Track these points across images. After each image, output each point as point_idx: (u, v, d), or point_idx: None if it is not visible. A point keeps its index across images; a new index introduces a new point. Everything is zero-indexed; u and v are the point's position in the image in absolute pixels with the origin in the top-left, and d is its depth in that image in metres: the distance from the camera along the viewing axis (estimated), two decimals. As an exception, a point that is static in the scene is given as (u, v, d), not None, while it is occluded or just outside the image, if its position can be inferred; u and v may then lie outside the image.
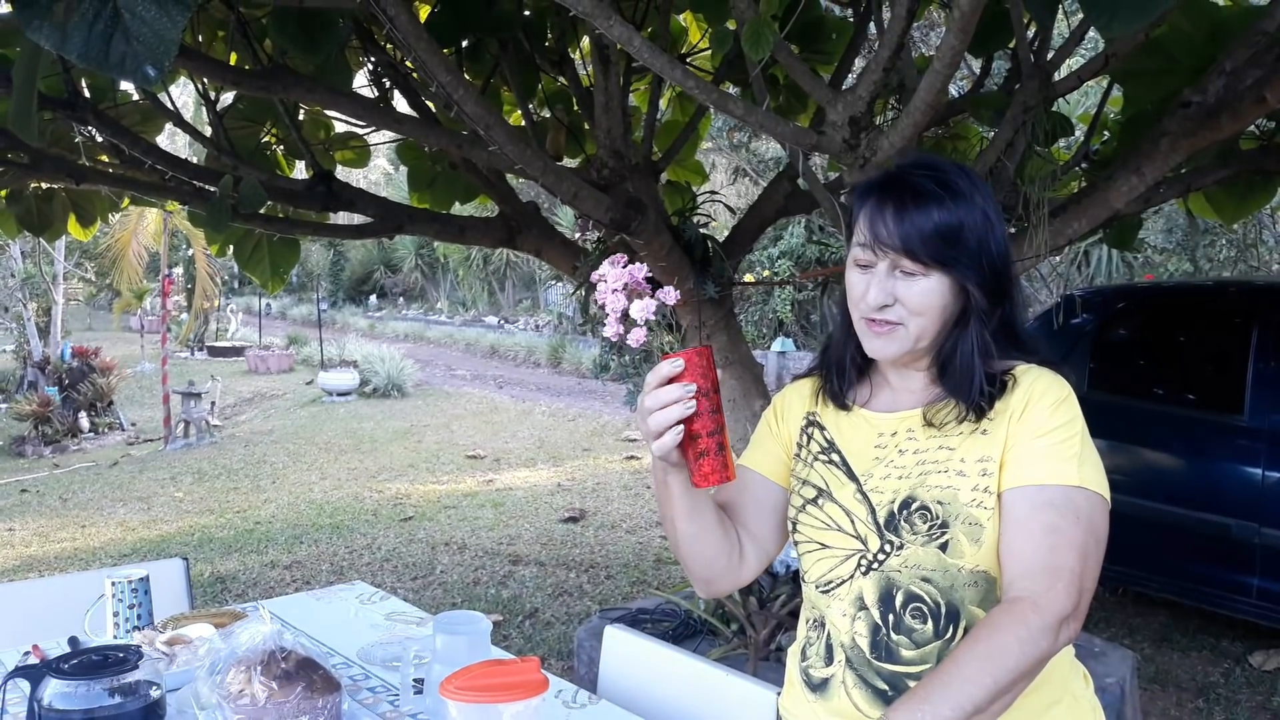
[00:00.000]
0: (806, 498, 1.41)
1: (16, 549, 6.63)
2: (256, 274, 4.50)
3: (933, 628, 1.29)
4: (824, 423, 1.44)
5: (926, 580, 1.29)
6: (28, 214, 4.29)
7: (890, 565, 1.31)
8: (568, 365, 15.65)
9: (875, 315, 1.30)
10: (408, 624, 2.16)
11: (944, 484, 1.29)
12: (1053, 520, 1.22)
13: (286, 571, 5.73)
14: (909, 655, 1.30)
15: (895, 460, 1.34)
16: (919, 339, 1.30)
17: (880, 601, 1.32)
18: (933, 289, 1.27)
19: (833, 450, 1.41)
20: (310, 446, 10.15)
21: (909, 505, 1.30)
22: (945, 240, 1.25)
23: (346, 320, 23.43)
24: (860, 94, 2.53)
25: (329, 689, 1.53)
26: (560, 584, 5.38)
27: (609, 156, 3.30)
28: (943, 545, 1.28)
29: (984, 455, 1.28)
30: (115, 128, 3.56)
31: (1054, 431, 1.25)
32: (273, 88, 3.16)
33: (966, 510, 1.27)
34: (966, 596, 1.28)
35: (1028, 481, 1.24)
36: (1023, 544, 1.23)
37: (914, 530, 1.29)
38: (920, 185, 1.28)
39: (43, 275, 14.37)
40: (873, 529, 1.33)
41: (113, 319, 22.53)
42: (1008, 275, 1.30)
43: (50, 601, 2.32)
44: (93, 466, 9.76)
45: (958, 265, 1.26)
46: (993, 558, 1.27)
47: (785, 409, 1.50)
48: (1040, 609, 1.17)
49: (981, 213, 1.28)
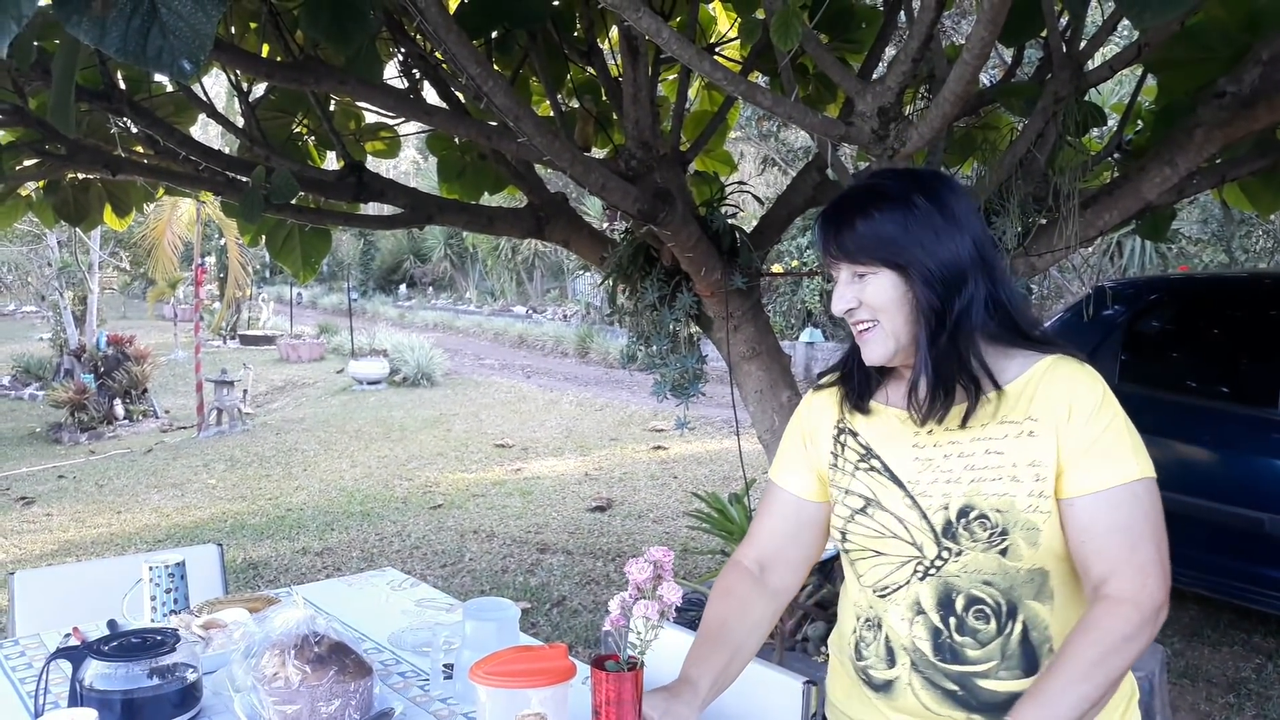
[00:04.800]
0: (854, 507, 1.45)
1: (54, 534, 6.75)
2: (288, 264, 4.54)
3: (995, 626, 1.37)
4: (856, 429, 1.48)
5: (988, 583, 1.36)
6: (65, 204, 4.35)
7: (949, 571, 1.37)
8: (595, 355, 15.69)
9: (851, 320, 1.41)
10: (437, 610, 2.19)
11: (1000, 491, 1.34)
12: (1125, 519, 1.30)
13: (318, 558, 5.79)
14: (974, 655, 1.37)
15: (940, 464, 1.39)
16: (896, 336, 1.38)
17: (939, 605, 1.38)
18: (884, 285, 1.37)
19: (871, 456, 1.45)
20: (341, 434, 10.25)
21: (967, 514, 1.36)
22: (880, 240, 1.36)
23: (376, 309, 23.59)
24: (889, 84, 2.52)
25: (361, 673, 1.56)
26: (587, 573, 5.41)
27: (637, 147, 3.30)
28: (1003, 550, 1.34)
29: (1034, 459, 1.34)
30: (150, 119, 3.60)
31: (1105, 433, 1.32)
32: (305, 79, 3.18)
33: (1024, 516, 1.33)
34: (1024, 594, 1.36)
35: (1097, 488, 1.31)
36: (1104, 547, 1.30)
37: (974, 538, 1.35)
38: (854, 196, 1.42)
39: (79, 264, 14.57)
40: (929, 536, 1.39)
41: (146, 308, 22.81)
42: (960, 267, 1.35)
43: (89, 585, 2.38)
44: (127, 453, 9.89)
45: (898, 261, 1.36)
46: (1048, 557, 1.35)
47: (813, 427, 1.55)
48: (1139, 605, 1.26)
49: (924, 213, 1.36)
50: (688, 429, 4.13)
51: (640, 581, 1.37)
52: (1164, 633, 4.29)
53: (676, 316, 3.66)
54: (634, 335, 3.87)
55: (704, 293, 3.56)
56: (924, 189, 1.39)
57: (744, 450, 4.07)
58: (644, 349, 3.85)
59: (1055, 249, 3.04)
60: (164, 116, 3.79)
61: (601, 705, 1.38)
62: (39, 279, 16.70)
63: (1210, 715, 3.63)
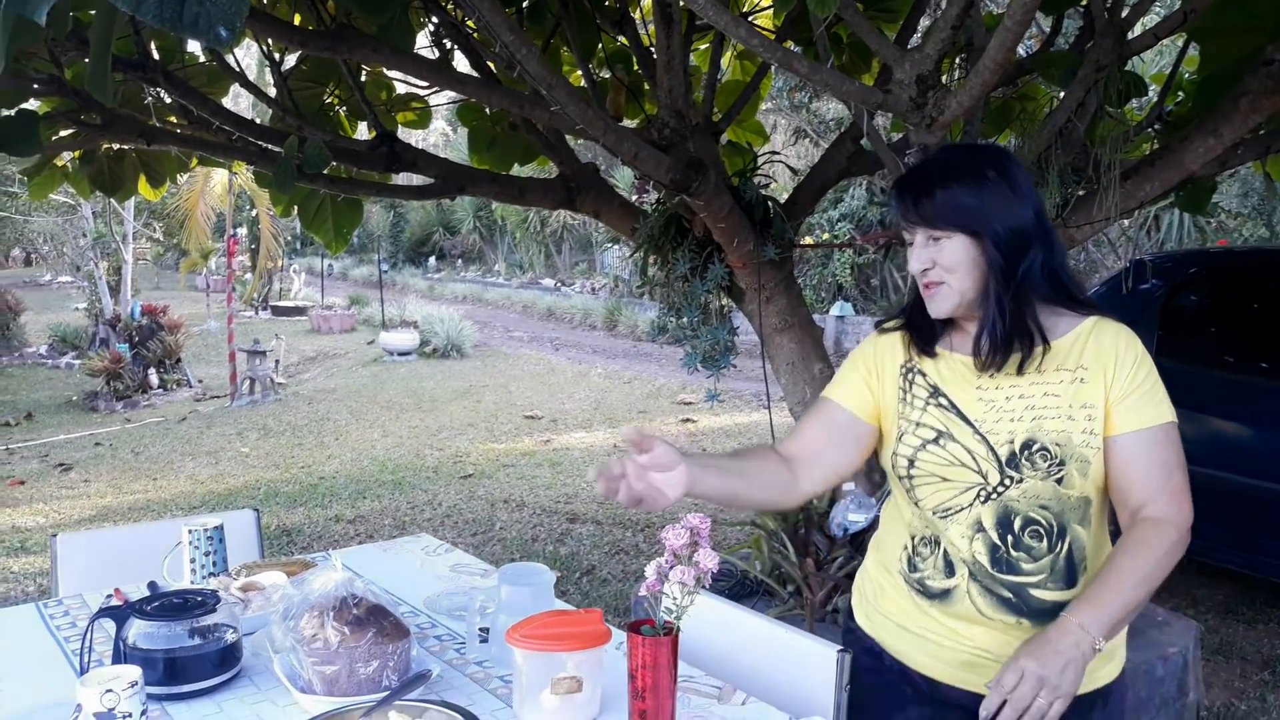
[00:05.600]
0: (925, 438, 1.62)
1: (92, 499, 6.86)
2: (320, 234, 4.56)
3: (1047, 545, 1.56)
4: (924, 369, 1.65)
5: (1044, 507, 1.55)
6: (100, 174, 4.38)
7: (1009, 496, 1.56)
8: (623, 328, 15.68)
9: (923, 279, 1.58)
10: (472, 575, 2.21)
11: (1059, 428, 1.54)
12: (1162, 455, 1.53)
13: (350, 525, 5.86)
14: (1028, 568, 1.56)
15: (1003, 405, 1.57)
16: (963, 293, 1.55)
17: (998, 525, 1.57)
18: (957, 248, 1.54)
19: (940, 395, 1.62)
20: (372, 405, 10.33)
21: (1030, 446, 1.55)
22: (956, 209, 1.53)
23: (406, 281, 23.67)
24: (928, 52, 2.48)
25: (399, 635, 1.57)
26: (617, 542, 5.44)
27: (670, 116, 3.28)
28: (1059, 480, 1.54)
29: (1087, 402, 1.54)
30: (184, 89, 3.62)
31: (1144, 382, 1.54)
32: (338, 48, 3.18)
33: (1079, 450, 1.53)
34: (1072, 518, 1.56)
35: (1139, 426, 1.53)
36: (1146, 476, 1.52)
37: (1035, 467, 1.54)
38: (931, 168, 1.60)
39: (113, 235, 14.73)
40: (994, 465, 1.56)
41: (179, 278, 23.02)
42: (1026, 234, 1.53)
43: (128, 548, 2.41)
44: (162, 422, 10.03)
45: (973, 228, 1.52)
46: (1094, 487, 1.55)
47: (879, 362, 1.70)
48: (1178, 525, 1.50)
49: (994, 183, 1.53)
50: (717, 401, 4.13)
51: (677, 547, 1.38)
52: (1198, 609, 4.26)
53: (708, 288, 3.65)
54: (665, 307, 3.86)
55: (736, 264, 3.54)
56: (994, 163, 1.56)
57: (775, 423, 4.06)
58: (675, 321, 3.84)
59: (1094, 220, 3.00)
60: (197, 87, 3.81)
61: (637, 669, 1.39)
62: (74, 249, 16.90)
63: (1244, 692, 3.61)
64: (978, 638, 1.59)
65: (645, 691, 1.38)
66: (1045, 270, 1.54)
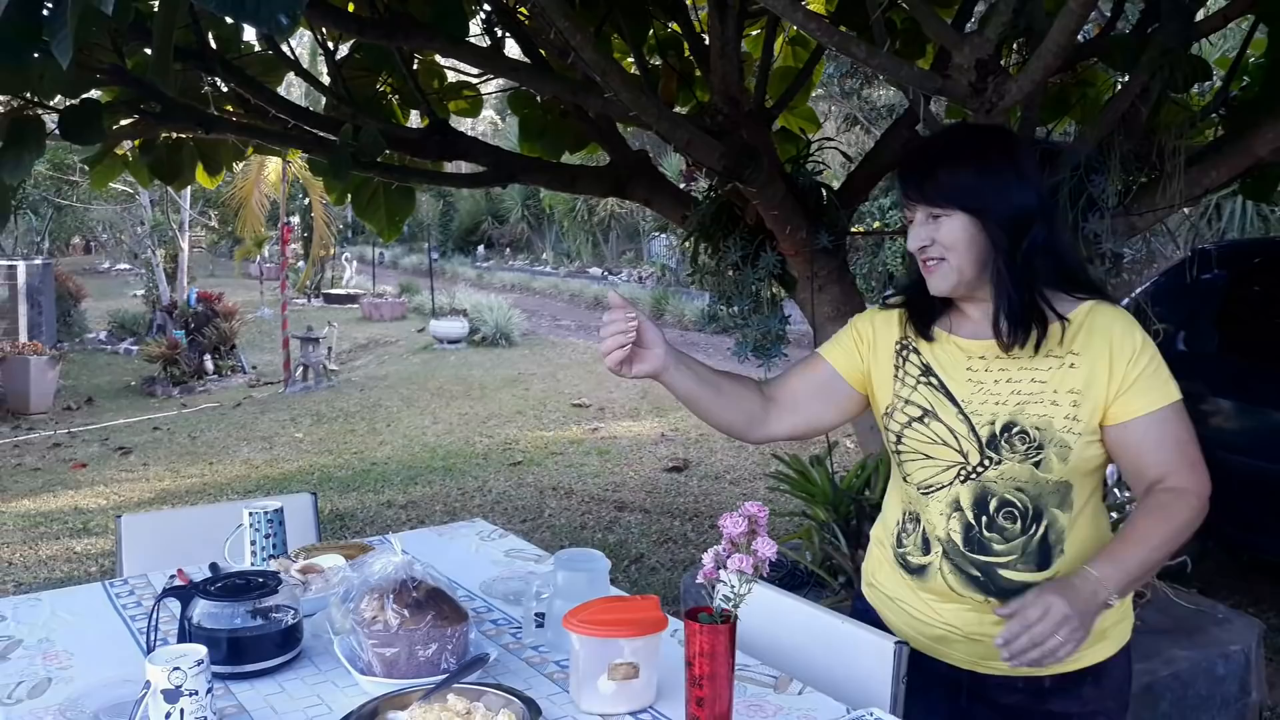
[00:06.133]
0: (912, 415, 1.66)
1: (151, 483, 7.01)
2: (373, 222, 4.60)
3: (1020, 526, 1.59)
4: (919, 348, 1.68)
5: (1020, 489, 1.59)
6: (159, 163, 4.45)
7: (988, 476, 1.60)
8: (670, 317, 15.65)
9: (921, 256, 1.60)
10: (526, 561, 2.22)
11: (1041, 412, 1.57)
12: (1174, 431, 1.56)
13: (402, 510, 5.93)
14: (999, 549, 1.60)
15: (990, 387, 1.61)
16: (961, 271, 1.57)
17: (974, 505, 1.61)
18: (957, 226, 1.55)
19: (930, 374, 1.66)
20: (422, 392, 10.43)
21: (1010, 429, 1.58)
22: (959, 187, 1.55)
23: (455, 270, 23.85)
24: (988, 36, 2.44)
25: (457, 619, 1.59)
26: (665, 531, 5.44)
27: (723, 102, 3.26)
28: (1037, 463, 1.57)
29: (1074, 388, 1.56)
30: (241, 77, 3.66)
31: (1147, 366, 1.56)
32: (394, 36, 3.21)
33: (1059, 435, 1.56)
34: (1050, 501, 1.59)
35: (1149, 409, 1.55)
36: (1160, 454, 1.56)
37: (1013, 449, 1.58)
38: (934, 146, 1.66)
39: (170, 223, 14.99)
40: (975, 445, 1.60)
41: (234, 266, 23.39)
42: (1028, 215, 1.55)
43: (190, 530, 2.45)
44: (217, 407, 10.21)
45: (974, 207, 1.54)
46: (1076, 472, 1.58)
47: (874, 334, 1.74)
48: (1199, 494, 1.54)
49: (997, 164, 1.57)
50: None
51: (734, 535, 1.38)
52: (1260, 608, 4.16)
53: (759, 276, 3.63)
54: (715, 295, 3.84)
55: (788, 252, 3.52)
56: (998, 144, 1.62)
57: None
58: (726, 309, 3.82)
59: (1158, 208, 2.94)
60: (253, 75, 3.85)
61: (695, 657, 1.38)
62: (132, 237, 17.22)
63: (1307, 691, 3.53)
64: (948, 614, 1.65)
65: (703, 679, 1.38)
66: (1048, 252, 1.57)
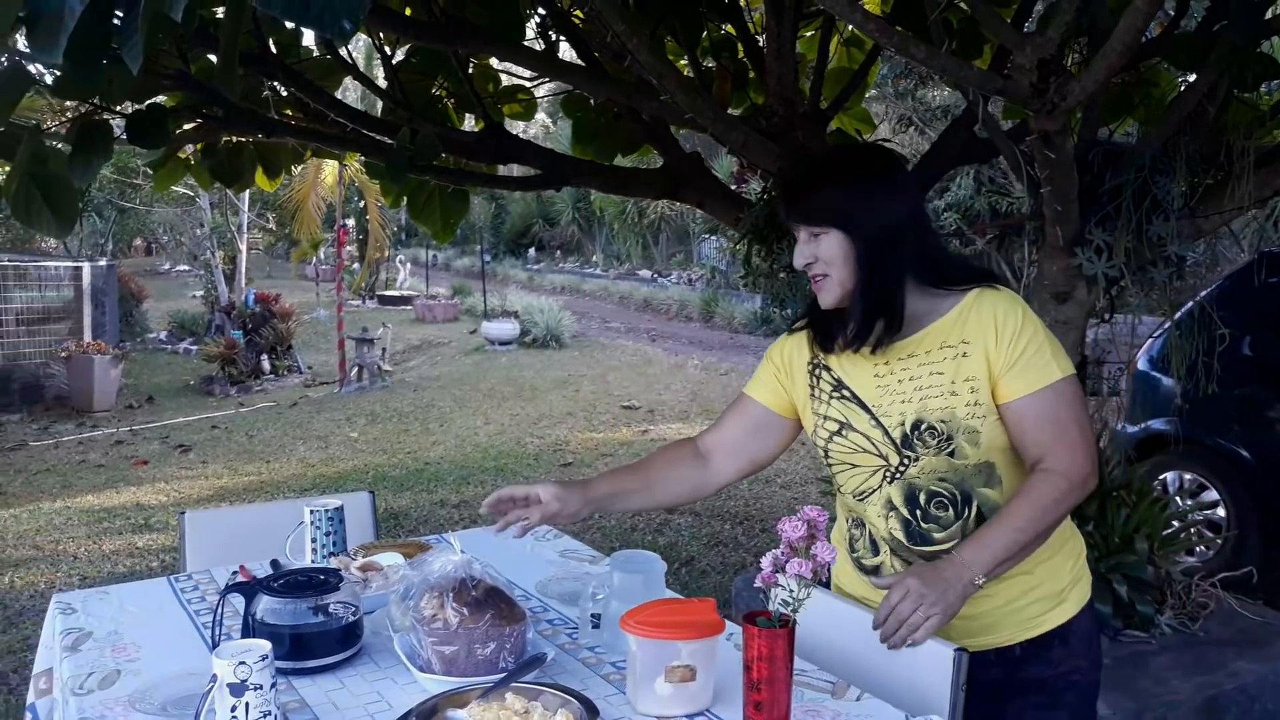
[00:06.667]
0: (831, 430, 1.77)
1: (209, 480, 7.15)
2: (428, 225, 4.63)
3: (953, 512, 1.69)
4: (829, 364, 1.78)
5: (942, 479, 1.68)
6: (220, 166, 4.53)
7: (910, 474, 1.69)
8: (720, 319, 15.63)
9: (808, 272, 1.70)
10: (581, 561, 2.23)
11: (942, 405, 1.66)
12: (1052, 411, 1.62)
13: (455, 510, 5.98)
14: (939, 536, 1.70)
15: (895, 388, 1.70)
16: (844, 284, 1.66)
17: (906, 502, 1.71)
18: (834, 243, 1.65)
19: (843, 388, 1.76)
20: (474, 393, 10.51)
21: (919, 426, 1.67)
22: (829, 206, 1.65)
23: (506, 272, 24.00)
24: (1050, 36, 2.40)
25: (515, 618, 1.60)
26: (715, 534, 5.43)
27: (779, 104, 3.25)
28: (950, 453, 1.66)
29: (969, 375, 1.65)
30: (301, 82, 3.72)
31: (1027, 347, 1.63)
32: (452, 40, 3.24)
33: (965, 423, 1.65)
34: (975, 483, 1.68)
35: (1026, 391, 1.63)
36: (1038, 435, 1.63)
37: (926, 445, 1.67)
38: (810, 168, 1.78)
39: (229, 225, 15.27)
40: (892, 448, 1.70)
41: (290, 267, 23.76)
42: (896, 229, 1.64)
43: (250, 527, 2.50)
44: (274, 406, 10.37)
45: (845, 224, 1.63)
46: (991, 452, 1.66)
47: (787, 360, 1.85)
48: (1068, 475, 1.61)
49: (866, 182, 1.67)
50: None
51: (793, 539, 1.37)
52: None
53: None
54: (768, 298, 3.83)
55: (843, 254, 3.49)
56: (869, 163, 1.73)
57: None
58: (779, 312, 3.80)
59: (1225, 210, 2.88)
60: (312, 80, 3.91)
61: (753, 660, 1.38)
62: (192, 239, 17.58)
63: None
64: None
65: (761, 683, 1.38)
66: (918, 260, 1.66)
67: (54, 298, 11.64)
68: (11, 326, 10.79)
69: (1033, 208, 3.18)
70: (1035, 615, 1.71)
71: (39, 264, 12.14)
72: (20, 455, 8.28)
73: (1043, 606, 1.72)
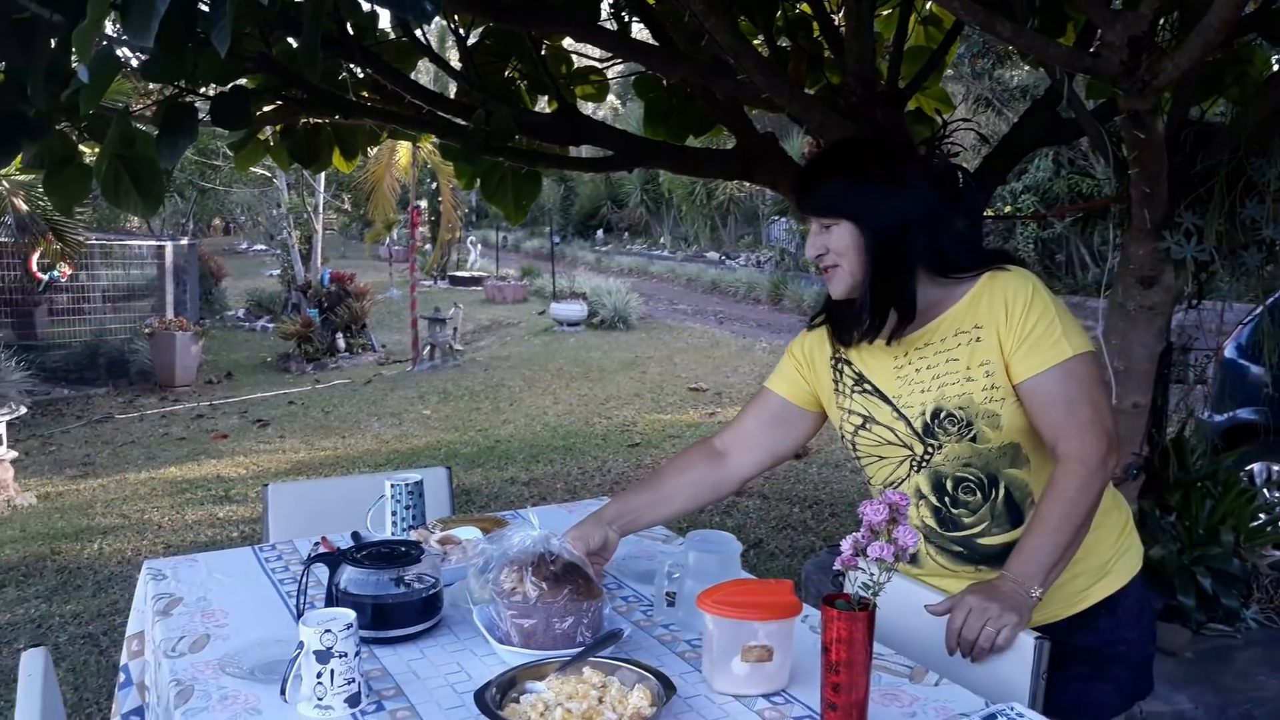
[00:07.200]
0: (855, 424, 1.80)
1: (287, 454, 7.32)
2: (501, 206, 4.67)
3: (981, 496, 1.71)
4: (849, 358, 1.82)
5: (967, 465, 1.71)
6: (298, 147, 4.61)
7: (935, 462, 1.72)
8: (789, 302, 15.51)
9: (819, 263, 1.71)
10: (654, 540, 2.24)
11: (960, 392, 1.67)
12: (1062, 392, 1.62)
13: (525, 487, 6.05)
14: (969, 521, 1.73)
15: (914, 378, 1.72)
16: (854, 274, 1.68)
17: (934, 489, 1.74)
18: (844, 234, 1.67)
19: (864, 381, 1.79)
20: (543, 373, 10.60)
21: (938, 414, 1.69)
22: (839, 198, 1.67)
23: (574, 254, 24.10)
24: (1142, 11, 2.33)
25: (593, 594, 1.61)
26: (784, 518, 5.41)
27: (858, 83, 3.20)
28: (972, 438, 1.68)
29: (984, 360, 1.66)
30: (379, 64, 3.77)
31: (1036, 325, 1.63)
32: (529, 21, 3.25)
33: (983, 408, 1.66)
34: (1001, 465, 1.70)
35: (1034, 371, 1.62)
36: (1049, 418, 1.62)
37: (947, 433, 1.69)
38: (820, 161, 1.79)
39: (305, 206, 15.55)
40: (915, 438, 1.73)
41: (364, 248, 24.14)
42: (904, 221, 1.64)
43: (330, 500, 2.56)
44: (349, 384, 10.57)
45: (855, 215, 1.65)
46: (1014, 433, 1.67)
47: (809, 355, 1.89)
48: (1084, 460, 1.59)
49: (875, 175, 1.68)
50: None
51: (875, 523, 1.36)
52: None
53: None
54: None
55: (920, 236, 3.44)
56: (879, 156, 1.73)
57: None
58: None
59: (1324, 192, 2.77)
60: (388, 62, 3.96)
61: (832, 643, 1.38)
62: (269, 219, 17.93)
63: None
64: (951, 588, 1.74)
65: (840, 665, 1.37)
66: (929, 250, 1.66)
67: (138, 276, 12.01)
68: (98, 303, 11.14)
69: (1119, 190, 3.10)
70: (1079, 590, 1.72)
71: (124, 243, 12.49)
72: (107, 428, 8.57)
73: (1086, 580, 1.72)
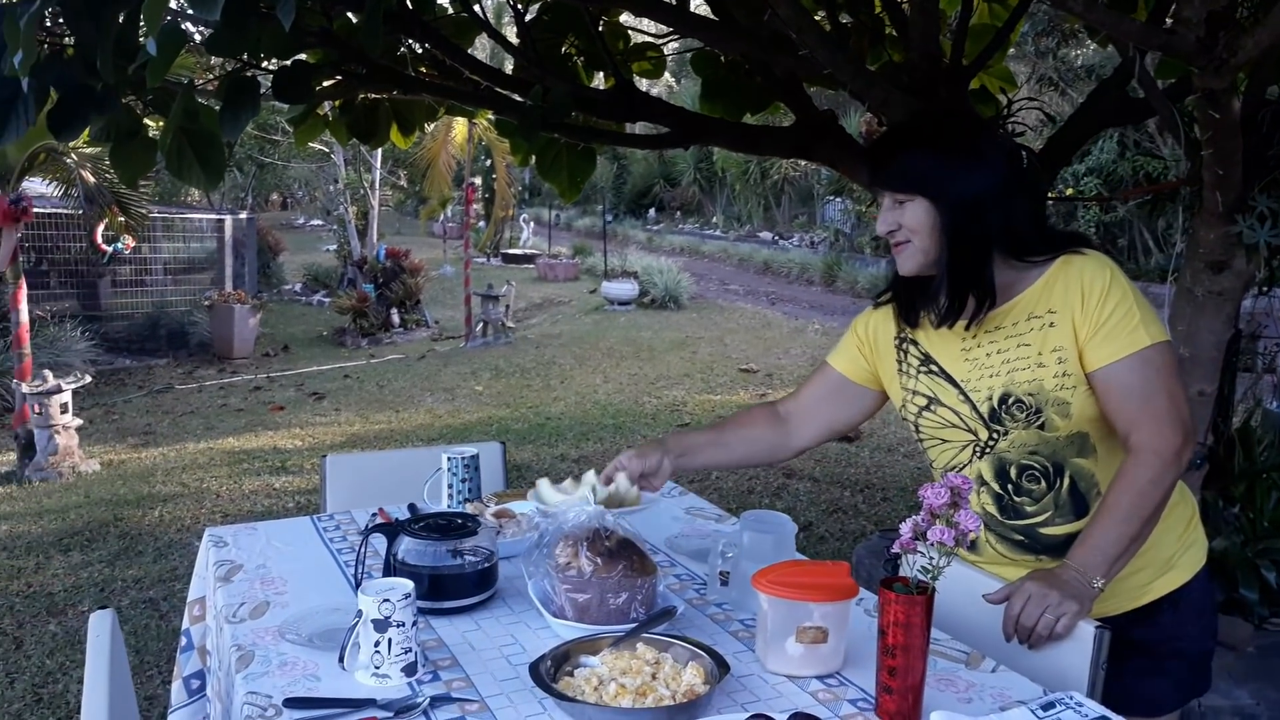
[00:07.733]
0: (920, 405, 1.78)
1: (342, 427, 7.43)
2: (555, 183, 4.67)
3: (1045, 485, 1.68)
4: (916, 339, 1.78)
5: (1033, 453, 1.68)
6: (357, 123, 4.64)
7: (1000, 448, 1.70)
8: (842, 284, 15.35)
9: (890, 239, 1.68)
10: (707, 519, 2.24)
11: (1030, 378, 1.64)
12: (1139, 381, 1.58)
13: (575, 464, 6.08)
14: (1031, 509, 1.70)
15: (984, 362, 1.69)
16: (926, 252, 1.64)
17: (997, 476, 1.71)
18: (918, 210, 1.63)
19: (930, 362, 1.76)
20: (594, 351, 10.63)
21: (1006, 400, 1.66)
22: (915, 174, 1.63)
23: (626, 233, 24.08)
24: (1222, -15, 2.26)
25: (647, 570, 1.61)
26: (835, 501, 5.38)
27: (922, 60, 3.14)
28: (1040, 425, 1.64)
29: (1057, 345, 1.62)
30: (437, 39, 3.77)
31: (1114, 312, 1.59)
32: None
33: (1053, 395, 1.62)
34: (1068, 454, 1.66)
35: (1110, 359, 1.58)
36: (1124, 408, 1.59)
37: (1014, 419, 1.66)
38: (897, 134, 1.78)
39: (361, 181, 15.69)
40: (980, 423, 1.70)
41: (419, 224, 24.32)
42: (982, 200, 1.60)
43: (388, 472, 2.59)
44: (403, 359, 10.68)
45: (932, 192, 1.61)
46: (1083, 422, 1.63)
47: (872, 333, 1.86)
48: (1159, 452, 1.56)
49: (954, 151, 1.63)
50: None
51: (936, 506, 1.34)
52: None
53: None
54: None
55: (981, 217, 3.38)
56: (959, 131, 1.69)
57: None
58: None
59: None
60: (447, 37, 3.97)
61: (889, 626, 1.36)
62: (325, 195, 18.14)
63: None
64: (1010, 576, 1.71)
65: (896, 649, 1.36)
66: (1005, 232, 1.62)
67: (198, 249, 12.21)
68: (159, 275, 11.36)
69: (1189, 171, 3.02)
70: (1143, 584, 1.70)
71: (184, 216, 12.71)
72: (167, 398, 8.75)
73: (1150, 575, 1.70)
